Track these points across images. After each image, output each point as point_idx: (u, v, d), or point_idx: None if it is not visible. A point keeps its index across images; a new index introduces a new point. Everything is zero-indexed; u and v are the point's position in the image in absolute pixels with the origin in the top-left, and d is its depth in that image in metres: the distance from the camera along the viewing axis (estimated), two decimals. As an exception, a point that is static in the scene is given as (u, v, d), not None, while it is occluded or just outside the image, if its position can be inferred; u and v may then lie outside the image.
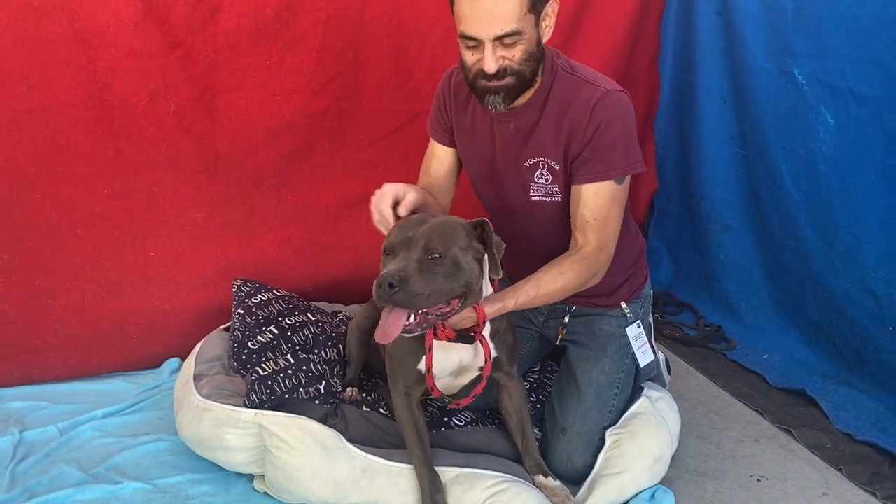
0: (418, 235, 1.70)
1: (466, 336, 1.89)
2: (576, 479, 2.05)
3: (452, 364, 1.94)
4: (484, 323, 1.85)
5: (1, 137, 2.45)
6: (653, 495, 2.04)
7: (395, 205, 1.86)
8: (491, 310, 1.85)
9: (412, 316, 1.67)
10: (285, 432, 1.97)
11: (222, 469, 2.12)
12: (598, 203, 1.96)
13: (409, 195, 1.87)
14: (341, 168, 2.90)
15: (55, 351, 2.62)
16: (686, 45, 3.28)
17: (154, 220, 2.69)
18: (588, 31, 3.10)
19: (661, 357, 2.50)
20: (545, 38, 1.93)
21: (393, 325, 1.66)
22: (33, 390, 2.57)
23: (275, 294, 2.62)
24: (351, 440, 2.00)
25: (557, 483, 1.99)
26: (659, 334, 3.05)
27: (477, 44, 1.84)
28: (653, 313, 2.76)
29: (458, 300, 1.74)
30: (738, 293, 3.16)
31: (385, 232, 1.81)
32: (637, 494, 2.03)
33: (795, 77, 2.68)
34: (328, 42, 2.72)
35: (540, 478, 1.99)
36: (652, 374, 2.32)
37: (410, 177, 2.36)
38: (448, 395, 2.09)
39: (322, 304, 2.82)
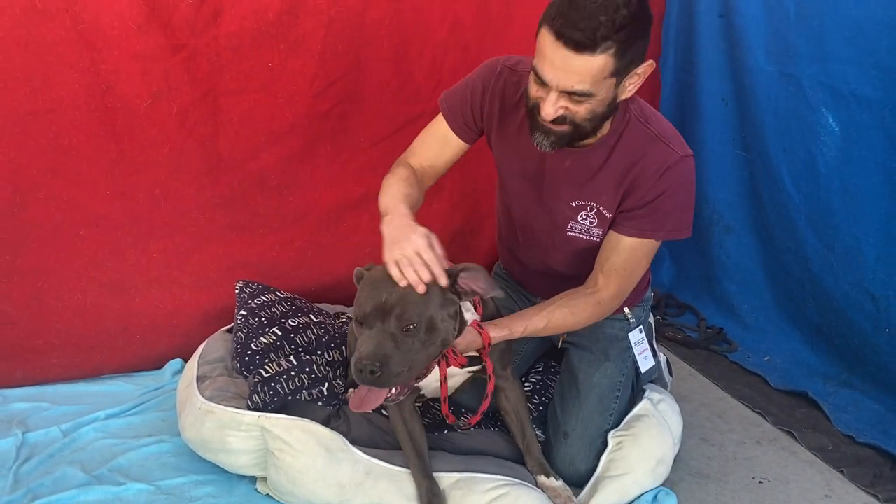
0: (392, 302, 1.62)
1: (474, 358, 1.89)
2: (578, 482, 2.06)
3: (435, 374, 1.92)
4: (489, 346, 1.85)
5: (4, 139, 2.45)
6: (655, 497, 2.05)
7: None
8: (497, 334, 1.85)
9: (393, 389, 1.69)
10: (289, 435, 1.97)
11: (225, 471, 2.12)
12: (633, 256, 1.94)
13: (435, 242, 1.69)
14: (342, 170, 2.90)
15: (58, 351, 2.62)
16: (687, 47, 3.28)
17: (156, 222, 2.68)
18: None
19: (663, 359, 2.50)
20: (623, 97, 1.79)
21: (373, 401, 1.70)
22: (36, 391, 2.56)
23: (277, 296, 2.62)
24: (353, 442, 2.01)
25: (560, 483, 2.00)
26: (661, 336, 3.05)
27: (543, 83, 1.71)
28: (654, 315, 2.77)
29: (436, 360, 1.75)
30: (740, 295, 3.16)
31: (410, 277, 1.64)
32: (640, 496, 2.05)
33: (797, 79, 2.68)
34: (330, 45, 2.71)
35: (542, 478, 2.00)
36: (653, 378, 2.33)
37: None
38: (458, 421, 2.09)
39: (324, 306, 2.81)
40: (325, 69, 2.73)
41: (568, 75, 1.65)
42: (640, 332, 2.26)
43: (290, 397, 2.08)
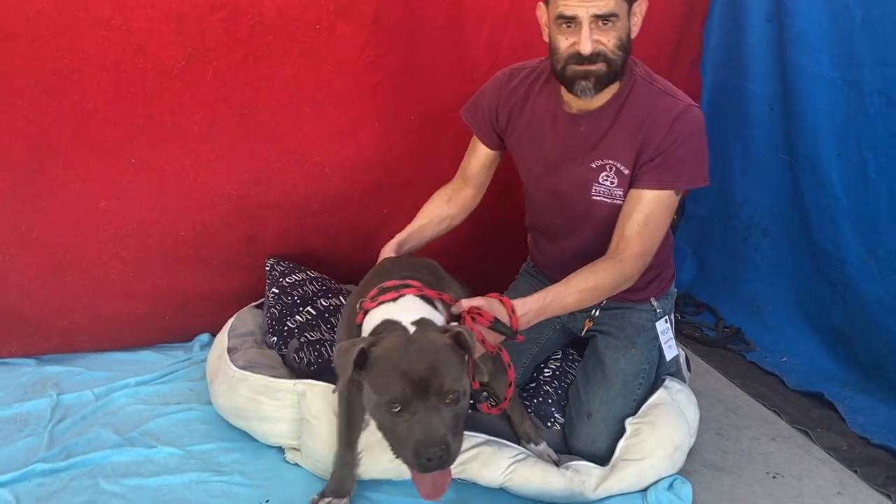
0: (425, 376, 1.62)
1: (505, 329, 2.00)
2: (598, 462, 2.25)
3: None
4: (513, 311, 2.00)
5: (25, 100, 2.40)
6: (671, 484, 2.20)
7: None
8: (530, 306, 2.04)
9: None
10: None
11: (253, 439, 2.34)
12: (654, 210, 2.15)
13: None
14: (388, 151, 2.82)
15: (86, 332, 2.73)
16: (731, 48, 3.37)
17: (184, 196, 2.65)
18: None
19: (682, 354, 2.67)
20: (633, 35, 2.12)
21: (446, 481, 1.72)
22: (69, 357, 2.78)
23: (308, 275, 2.75)
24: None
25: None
26: (678, 333, 3.22)
27: (573, 25, 2.03)
28: (673, 313, 2.97)
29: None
30: (765, 296, 3.33)
31: None
32: (656, 482, 2.20)
33: (858, 85, 2.80)
34: (383, 10, 2.61)
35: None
36: (672, 370, 2.54)
37: (457, 164, 2.46)
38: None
39: (351, 287, 2.85)
40: (376, 37, 2.63)
41: (594, 1, 1.97)
42: (666, 322, 2.49)
43: (333, 364, 2.16)
